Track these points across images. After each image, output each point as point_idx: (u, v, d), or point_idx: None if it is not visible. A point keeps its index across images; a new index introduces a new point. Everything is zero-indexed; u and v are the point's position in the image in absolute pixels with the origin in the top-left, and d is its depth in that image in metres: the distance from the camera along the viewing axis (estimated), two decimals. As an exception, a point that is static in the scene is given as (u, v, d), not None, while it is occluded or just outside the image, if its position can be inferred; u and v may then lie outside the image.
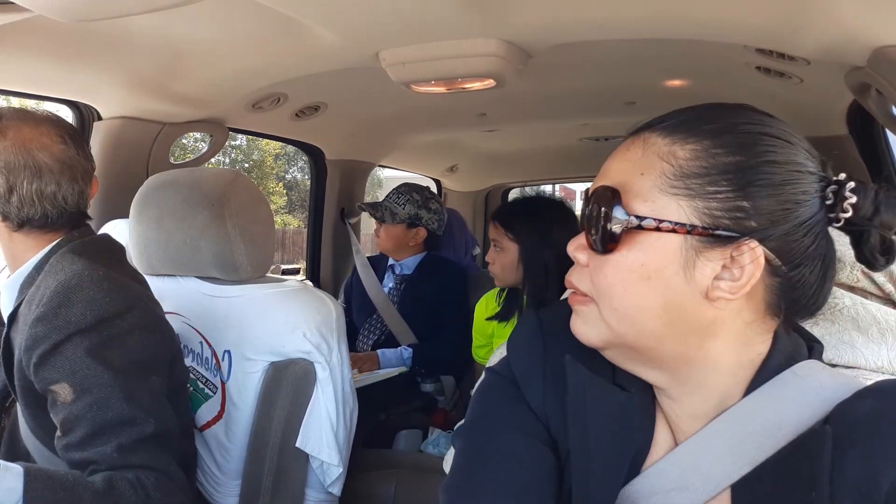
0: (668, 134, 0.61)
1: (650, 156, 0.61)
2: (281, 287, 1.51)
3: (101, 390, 1.04)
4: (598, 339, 0.63)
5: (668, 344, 0.61)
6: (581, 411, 0.67)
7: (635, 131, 0.65)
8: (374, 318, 2.51)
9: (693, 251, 0.58)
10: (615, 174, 0.63)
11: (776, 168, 0.58)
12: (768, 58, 1.46)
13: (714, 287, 0.59)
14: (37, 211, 1.14)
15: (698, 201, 0.58)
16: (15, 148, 1.12)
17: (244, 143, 16.75)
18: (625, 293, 0.60)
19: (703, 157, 0.59)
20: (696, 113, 0.63)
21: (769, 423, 0.59)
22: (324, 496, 1.49)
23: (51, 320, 1.04)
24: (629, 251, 0.60)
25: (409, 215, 2.49)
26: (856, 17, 1.12)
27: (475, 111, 2.41)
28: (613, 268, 0.61)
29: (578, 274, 0.65)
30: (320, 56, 1.57)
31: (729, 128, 0.60)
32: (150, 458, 1.05)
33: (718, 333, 0.61)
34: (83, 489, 0.97)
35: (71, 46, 1.35)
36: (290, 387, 1.42)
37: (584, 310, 0.64)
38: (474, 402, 0.75)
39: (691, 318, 0.60)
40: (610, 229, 0.60)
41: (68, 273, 1.10)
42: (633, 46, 1.57)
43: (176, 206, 1.47)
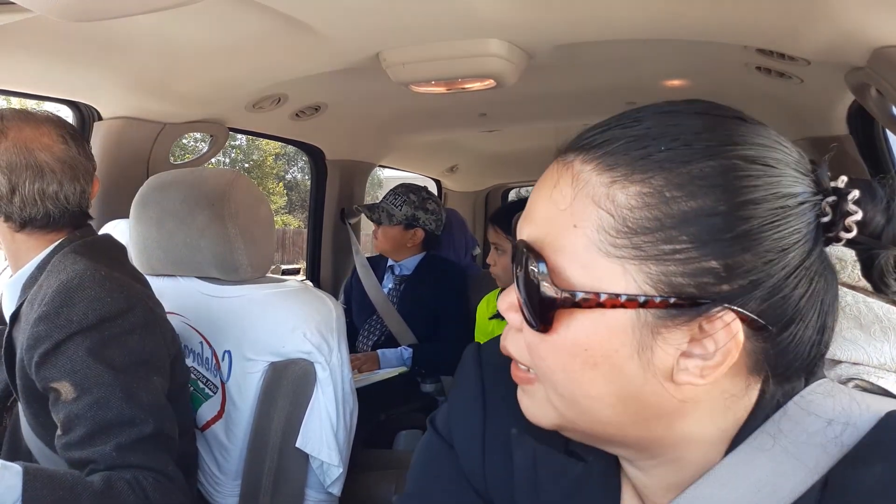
0: (607, 168, 0.46)
1: (583, 200, 0.46)
2: (281, 287, 1.51)
3: (101, 390, 1.04)
4: (548, 422, 0.51)
5: (630, 430, 0.49)
6: (531, 490, 0.56)
7: (564, 151, 0.50)
8: (374, 318, 2.51)
9: (648, 329, 0.45)
10: (541, 221, 0.48)
11: (754, 210, 0.44)
12: (768, 58, 1.46)
13: (680, 369, 0.45)
14: (39, 211, 1.14)
15: (651, 265, 0.44)
16: (16, 148, 1.12)
17: (244, 143, 16.76)
18: (568, 381, 0.47)
19: (654, 205, 0.44)
20: (643, 130, 0.47)
21: (753, 489, 0.47)
22: (324, 496, 1.49)
23: (52, 319, 1.05)
24: (567, 331, 0.46)
25: (406, 216, 2.48)
26: (856, 17, 1.12)
27: (475, 111, 2.41)
28: (550, 350, 0.47)
29: (514, 341, 0.51)
30: (320, 56, 1.57)
31: (687, 156, 0.45)
32: (149, 458, 1.05)
33: (690, 412, 0.48)
34: (82, 489, 0.98)
35: (71, 46, 1.35)
36: (290, 387, 1.42)
37: (529, 388, 0.51)
38: (414, 467, 0.66)
39: (653, 405, 0.47)
40: (541, 305, 0.46)
41: (70, 273, 1.10)
42: (634, 47, 1.57)
43: (176, 206, 1.47)
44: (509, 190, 4.29)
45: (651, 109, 0.49)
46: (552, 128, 2.89)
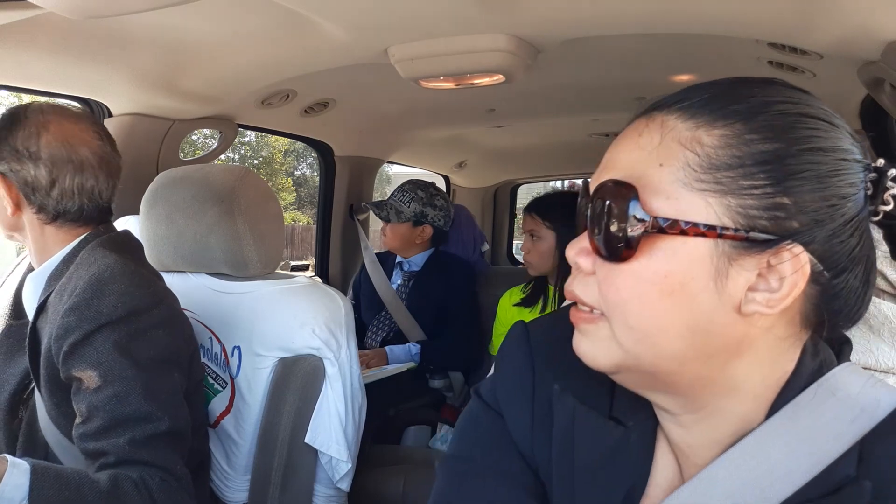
0: (690, 116, 0.52)
1: (670, 143, 0.51)
2: (290, 283, 1.52)
3: (122, 384, 1.06)
4: (607, 362, 0.54)
5: (690, 366, 0.52)
6: (568, 449, 0.59)
7: (646, 111, 0.56)
8: (383, 314, 2.52)
9: (725, 258, 0.49)
10: (626, 165, 0.53)
11: (821, 156, 0.50)
12: (781, 52, 1.45)
13: (748, 300, 0.50)
14: (74, 205, 1.17)
15: (730, 198, 0.49)
16: (58, 142, 1.14)
17: (253, 139, 16.81)
18: (643, 310, 0.50)
19: (735, 145, 0.50)
20: (720, 90, 0.53)
21: (790, 454, 0.51)
22: (332, 492, 1.50)
23: (83, 311, 1.07)
24: (649, 260, 0.50)
25: (415, 213, 2.48)
26: (869, 10, 1.11)
27: (484, 107, 2.40)
28: (629, 279, 0.51)
29: (582, 283, 0.55)
30: (329, 52, 1.57)
31: (762, 107, 0.51)
32: (159, 455, 1.06)
33: (745, 353, 0.52)
34: (88, 489, 0.99)
35: (81, 43, 1.36)
36: (299, 382, 1.42)
37: (591, 328, 0.54)
38: (459, 431, 0.69)
39: (719, 337, 0.51)
40: (625, 233, 0.50)
41: (101, 265, 1.12)
42: (643, 41, 1.56)
43: (186, 202, 1.48)
44: (518, 186, 4.27)
45: (726, 79, 0.55)
46: (561, 123, 2.88)
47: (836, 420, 0.51)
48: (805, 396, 0.53)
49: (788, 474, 0.51)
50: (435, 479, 0.66)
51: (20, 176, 1.14)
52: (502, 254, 4.19)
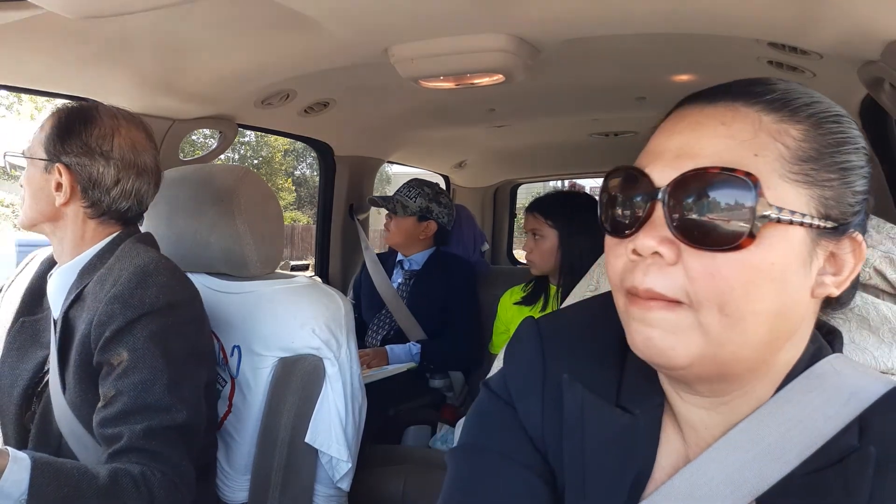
0: (776, 109, 0.54)
1: (762, 135, 0.53)
2: (290, 283, 1.52)
3: (150, 373, 1.11)
4: (689, 354, 0.53)
5: (760, 352, 0.54)
6: (578, 437, 0.61)
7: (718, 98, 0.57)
8: (384, 313, 2.52)
9: (812, 245, 0.53)
10: (714, 153, 0.53)
11: (861, 152, 0.56)
12: (780, 52, 1.45)
13: (819, 283, 0.54)
14: (125, 205, 1.25)
15: (815, 189, 0.53)
16: (129, 146, 1.23)
17: (253, 139, 16.80)
18: (745, 296, 0.51)
19: (814, 139, 0.54)
20: (786, 88, 0.56)
21: (801, 425, 0.54)
22: (333, 491, 1.50)
23: (127, 299, 1.13)
24: (758, 248, 0.51)
25: (421, 208, 2.50)
26: (869, 10, 1.11)
27: (484, 107, 2.40)
28: (737, 267, 0.51)
29: (661, 274, 0.53)
30: (328, 52, 1.57)
31: (824, 107, 0.56)
32: (170, 448, 1.10)
33: (796, 333, 0.56)
34: (86, 485, 1.00)
35: (80, 43, 1.36)
36: (299, 382, 1.42)
37: (672, 317, 0.53)
38: (469, 422, 0.70)
39: (792, 319, 0.55)
40: (746, 221, 0.51)
41: (146, 258, 1.20)
42: (643, 41, 1.56)
43: (186, 202, 1.48)
44: (518, 185, 4.27)
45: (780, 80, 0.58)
46: (561, 123, 2.88)
47: (826, 403, 0.55)
48: (800, 381, 0.56)
49: (784, 453, 0.54)
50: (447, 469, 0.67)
51: (87, 170, 1.21)
52: (502, 253, 4.19)
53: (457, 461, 0.67)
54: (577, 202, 2.15)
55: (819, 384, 0.56)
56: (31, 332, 1.29)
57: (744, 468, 0.55)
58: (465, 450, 0.68)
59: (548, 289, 2.19)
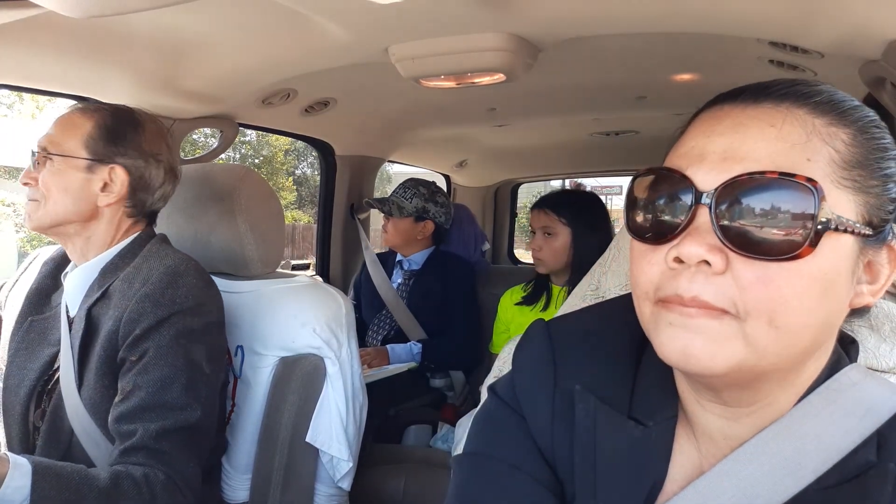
0: (820, 113, 0.52)
1: (814, 138, 0.51)
2: (291, 282, 1.52)
3: (170, 371, 1.13)
4: (728, 363, 0.50)
5: (797, 362, 0.53)
6: (590, 449, 0.59)
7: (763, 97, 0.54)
8: (384, 313, 2.52)
9: (858, 254, 0.51)
10: (762, 157, 0.50)
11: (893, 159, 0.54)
12: (781, 51, 1.44)
13: (858, 293, 0.53)
14: (160, 206, 1.33)
15: (861, 196, 0.51)
16: (171, 152, 1.31)
17: (254, 138, 16.80)
18: (798, 308, 0.49)
19: (861, 144, 0.52)
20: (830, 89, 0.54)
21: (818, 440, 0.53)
22: (333, 491, 1.50)
23: (158, 298, 1.16)
24: (814, 257, 0.49)
25: (417, 209, 2.49)
26: (870, 9, 1.11)
27: (485, 106, 2.40)
28: (793, 277, 0.49)
29: (708, 283, 0.50)
30: (329, 51, 1.57)
31: (867, 112, 0.54)
32: (179, 449, 1.11)
33: (827, 341, 0.54)
34: (88, 489, 1.00)
35: (80, 43, 1.36)
36: (299, 382, 1.42)
37: (715, 325, 0.50)
38: (476, 429, 0.68)
39: (831, 329, 0.53)
40: (807, 230, 0.48)
41: (176, 259, 1.23)
42: (644, 40, 1.56)
43: (186, 201, 1.48)
44: (519, 185, 4.27)
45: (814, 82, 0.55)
46: (562, 122, 2.88)
47: (844, 417, 0.53)
48: (820, 393, 0.54)
49: (800, 468, 0.52)
50: (452, 476, 0.66)
51: (140, 172, 1.26)
52: (503, 253, 4.19)
53: (463, 469, 0.65)
54: (586, 200, 2.17)
55: (837, 397, 0.54)
56: (39, 331, 1.30)
57: (757, 483, 0.53)
58: (471, 458, 0.66)
59: (549, 289, 2.19)
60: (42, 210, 1.23)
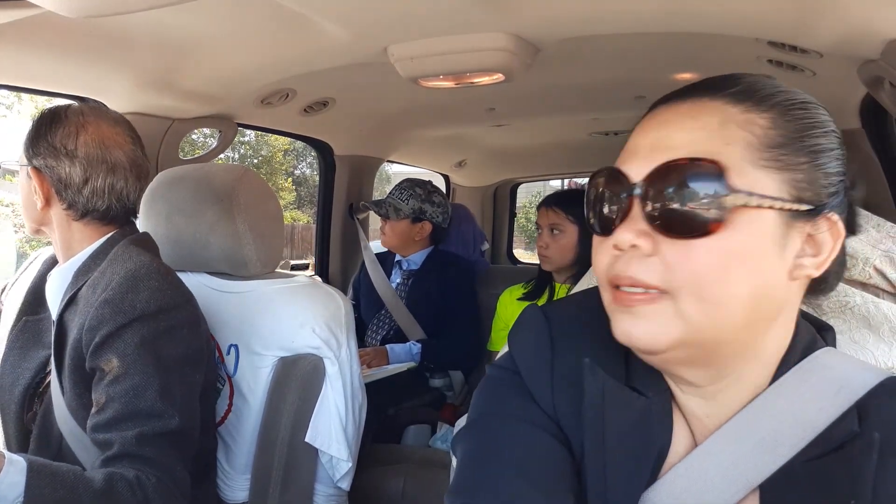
0: (740, 101, 0.57)
1: (729, 125, 0.56)
2: (290, 282, 1.52)
3: (141, 378, 1.10)
4: (669, 340, 0.56)
5: (741, 335, 0.57)
6: (598, 419, 0.62)
7: (687, 95, 0.60)
8: (383, 313, 2.52)
9: (785, 227, 0.55)
10: (684, 145, 0.56)
11: (833, 136, 0.58)
12: (780, 51, 1.45)
13: (797, 265, 0.56)
14: (103, 203, 1.22)
15: (786, 173, 0.55)
16: (95, 143, 1.20)
17: (253, 138, 16.78)
18: (718, 280, 0.54)
19: (782, 126, 0.56)
20: (750, 81, 0.59)
21: (794, 417, 0.56)
22: (333, 491, 1.50)
23: (117, 304, 1.12)
24: (728, 232, 0.54)
25: (413, 210, 2.49)
26: (869, 9, 1.11)
27: (484, 106, 2.40)
28: (710, 253, 0.54)
29: (642, 265, 0.56)
30: (328, 51, 1.56)
31: (790, 95, 0.58)
32: (164, 454, 1.09)
33: (780, 316, 0.58)
34: (83, 489, 1.00)
35: (79, 43, 1.36)
36: (298, 382, 1.42)
37: (652, 308, 0.56)
38: (478, 399, 0.70)
39: (772, 302, 0.57)
40: (714, 208, 0.53)
41: (137, 262, 1.18)
42: (643, 40, 1.56)
43: (185, 201, 1.48)
44: (518, 185, 4.27)
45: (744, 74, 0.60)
46: (560, 122, 2.88)
47: (817, 396, 0.57)
48: (793, 373, 0.58)
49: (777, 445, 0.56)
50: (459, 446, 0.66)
51: (55, 172, 1.19)
52: (502, 252, 4.19)
53: (472, 433, 0.66)
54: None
55: (809, 377, 0.58)
56: (34, 332, 1.29)
57: (739, 461, 0.57)
58: (479, 420, 0.67)
59: (552, 285, 2.19)
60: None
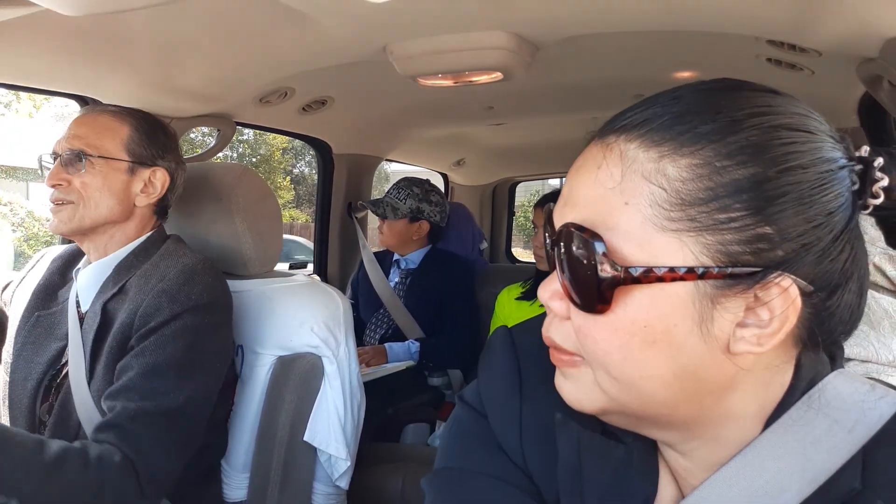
0: (653, 144, 0.46)
1: (632, 177, 0.46)
2: (288, 282, 1.52)
3: (165, 359, 1.14)
4: (593, 406, 0.50)
5: (681, 409, 0.49)
6: (576, 478, 0.56)
7: (599, 135, 0.50)
8: (382, 312, 2.52)
9: (708, 300, 0.45)
10: (586, 203, 0.48)
11: (801, 174, 0.45)
12: (779, 49, 1.45)
13: (737, 339, 0.46)
14: (172, 202, 1.39)
15: (707, 235, 0.44)
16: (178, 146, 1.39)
17: (252, 137, 16.77)
18: (625, 361, 0.47)
19: (706, 175, 0.45)
20: (682, 107, 0.47)
21: (782, 471, 0.48)
22: (331, 490, 1.50)
23: (174, 295, 1.19)
24: (625, 310, 0.46)
25: (411, 209, 2.49)
26: (868, 7, 1.11)
27: (482, 104, 2.40)
28: (606, 331, 0.47)
29: (558, 328, 0.51)
30: (327, 49, 1.56)
31: (732, 126, 0.45)
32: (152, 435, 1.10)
33: (739, 386, 0.48)
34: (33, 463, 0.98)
35: (78, 41, 1.35)
36: (297, 381, 1.42)
37: (573, 371, 0.50)
38: (445, 444, 0.64)
39: (709, 379, 0.47)
40: (596, 284, 0.46)
41: (193, 259, 1.28)
42: (642, 39, 1.56)
43: (184, 200, 1.48)
44: (517, 183, 4.27)
45: (687, 88, 0.49)
46: (560, 121, 2.88)
47: (830, 432, 0.48)
48: (797, 410, 0.49)
49: (782, 492, 0.48)
50: (426, 496, 0.61)
51: (174, 174, 1.36)
52: (501, 252, 4.19)
53: (440, 488, 0.61)
54: None
55: (818, 410, 0.49)
56: (46, 326, 1.31)
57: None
58: (447, 474, 0.61)
59: None
60: (81, 212, 1.26)
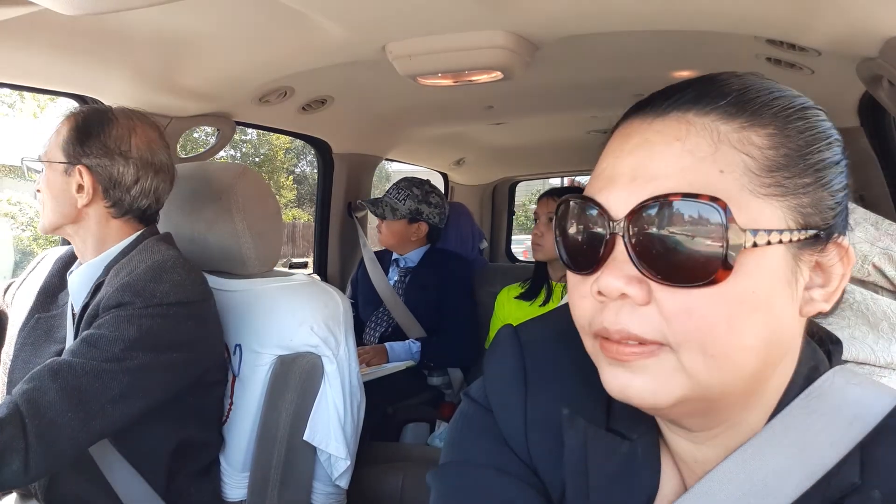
0: (729, 116, 0.48)
1: (724, 147, 0.47)
2: (288, 281, 1.52)
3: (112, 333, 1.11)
4: (671, 397, 0.48)
5: (749, 384, 0.48)
6: (581, 472, 0.56)
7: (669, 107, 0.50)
8: (381, 310, 2.52)
9: (795, 263, 0.47)
10: (674, 174, 0.47)
11: (834, 145, 0.49)
12: (779, 49, 1.45)
13: (807, 300, 0.48)
14: (145, 203, 1.29)
15: (790, 199, 0.46)
16: (145, 145, 1.28)
17: (254, 137, 16.78)
18: (729, 333, 0.45)
19: (784, 143, 0.47)
20: (741, 84, 0.49)
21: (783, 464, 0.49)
22: (331, 489, 1.50)
23: (138, 290, 1.15)
24: (736, 278, 0.45)
25: (410, 210, 2.49)
26: (868, 6, 1.11)
27: (482, 104, 2.40)
28: (716, 303, 0.45)
29: (636, 316, 0.47)
30: (327, 49, 1.56)
31: (787, 100, 0.49)
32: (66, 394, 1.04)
33: (788, 354, 0.50)
34: None
35: (78, 40, 1.35)
36: (297, 380, 1.42)
37: (651, 362, 0.47)
38: (450, 438, 0.65)
39: (784, 344, 0.49)
40: (720, 252, 0.44)
41: (164, 255, 1.23)
42: (642, 38, 1.56)
43: (184, 200, 1.48)
44: (517, 183, 4.27)
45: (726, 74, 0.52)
46: (559, 120, 2.88)
47: (829, 426, 0.49)
48: (798, 403, 0.50)
49: (782, 485, 0.48)
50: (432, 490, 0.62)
51: (107, 171, 1.25)
52: (501, 251, 4.19)
53: (445, 481, 0.61)
54: None
55: (819, 405, 0.50)
56: (45, 329, 1.31)
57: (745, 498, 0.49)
58: (453, 467, 0.61)
59: (549, 283, 2.19)
60: (43, 215, 1.28)
